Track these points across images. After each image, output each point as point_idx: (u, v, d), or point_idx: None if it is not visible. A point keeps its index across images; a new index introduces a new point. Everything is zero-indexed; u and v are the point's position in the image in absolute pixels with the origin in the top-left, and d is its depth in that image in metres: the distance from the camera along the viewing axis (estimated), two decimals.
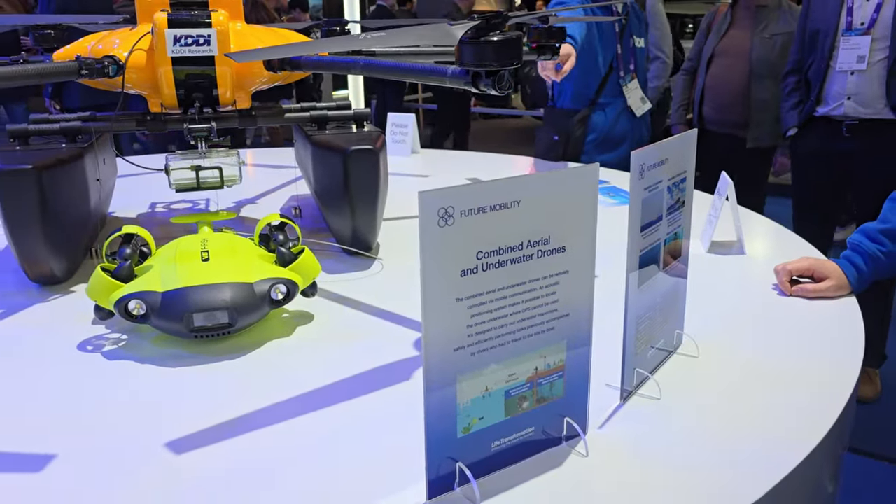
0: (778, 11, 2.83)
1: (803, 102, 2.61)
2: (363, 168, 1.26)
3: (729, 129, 2.87)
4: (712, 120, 2.92)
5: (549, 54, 1.61)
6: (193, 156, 1.23)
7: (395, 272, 1.29)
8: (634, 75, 2.37)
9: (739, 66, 2.84)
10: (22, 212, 1.12)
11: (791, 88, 2.68)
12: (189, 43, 1.20)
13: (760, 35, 2.80)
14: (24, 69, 1.06)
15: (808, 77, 2.59)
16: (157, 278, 0.98)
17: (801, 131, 2.62)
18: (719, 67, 2.90)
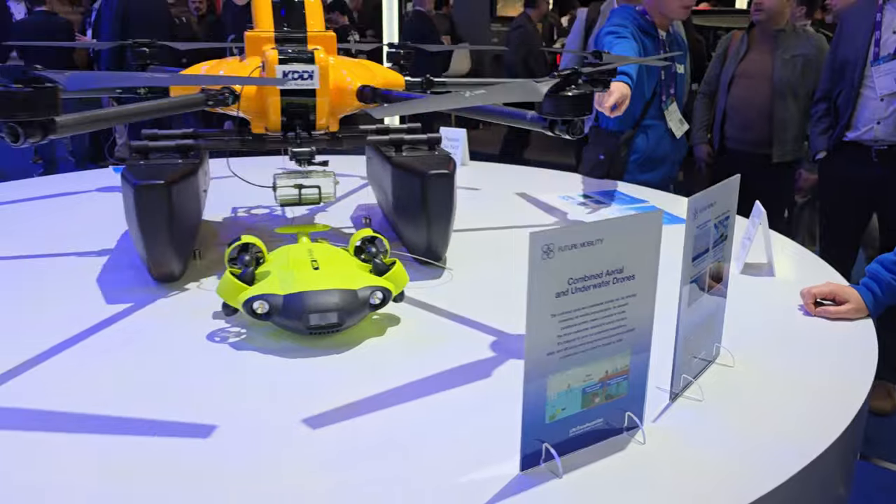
0: (794, 35, 3.01)
1: (833, 128, 2.75)
2: (440, 190, 1.44)
3: (752, 147, 3.04)
4: (735, 139, 3.09)
5: (601, 87, 1.78)
6: (297, 175, 1.41)
7: (464, 280, 1.47)
8: (674, 99, 2.53)
9: (762, 87, 3.01)
10: (154, 220, 1.31)
11: (821, 115, 2.83)
12: (295, 77, 1.39)
13: (782, 57, 2.97)
14: (158, 104, 1.25)
15: (838, 104, 2.73)
16: (277, 282, 1.17)
17: (831, 155, 2.76)
18: (741, 88, 3.07)
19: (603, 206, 2.10)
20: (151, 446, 0.90)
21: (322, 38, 1.50)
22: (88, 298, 1.35)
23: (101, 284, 1.42)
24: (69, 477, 0.84)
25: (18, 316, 1.29)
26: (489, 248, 1.68)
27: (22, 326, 1.24)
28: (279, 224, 1.87)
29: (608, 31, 2.32)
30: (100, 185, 2.25)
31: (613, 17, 2.45)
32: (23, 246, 1.64)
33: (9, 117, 0.93)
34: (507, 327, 1.25)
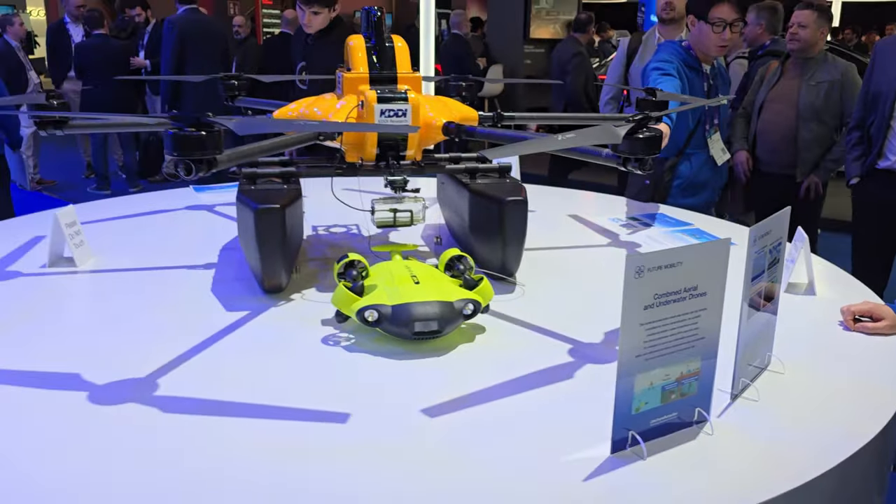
0: (824, 62, 3.19)
1: (865, 156, 2.91)
2: (515, 215, 1.62)
3: (780, 168, 3.23)
4: (765, 161, 3.29)
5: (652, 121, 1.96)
6: (392, 200, 1.61)
7: (535, 295, 1.65)
8: (717, 128, 2.70)
9: (788, 111, 3.20)
10: (270, 238, 1.51)
11: (854, 142, 2.99)
12: (391, 115, 1.58)
13: (808, 83, 3.15)
14: (284, 140, 1.45)
15: (871, 133, 2.89)
16: (384, 294, 1.36)
17: (863, 182, 2.92)
18: (770, 113, 3.27)
19: (649, 229, 2.27)
20: (300, 429, 1.09)
21: (410, 78, 1.70)
22: (210, 307, 1.55)
23: (216, 294, 1.62)
24: (244, 455, 1.03)
25: (151, 319, 1.49)
26: (554, 265, 1.86)
27: (158, 328, 1.45)
28: (356, 240, 2.08)
29: (654, 67, 2.51)
30: (188, 204, 2.48)
31: (660, 53, 2.63)
32: (138, 258, 1.85)
33: (185, 155, 1.13)
34: (579, 336, 1.42)
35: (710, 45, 2.53)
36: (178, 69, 5.27)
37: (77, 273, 1.77)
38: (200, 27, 5.30)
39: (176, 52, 5.20)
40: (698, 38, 2.56)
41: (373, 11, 1.75)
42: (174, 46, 5.20)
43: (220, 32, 5.38)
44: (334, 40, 3.40)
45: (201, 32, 5.27)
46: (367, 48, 1.72)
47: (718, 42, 2.54)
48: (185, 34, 5.22)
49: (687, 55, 2.61)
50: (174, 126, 1.13)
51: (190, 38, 5.22)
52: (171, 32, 5.21)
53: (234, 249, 1.95)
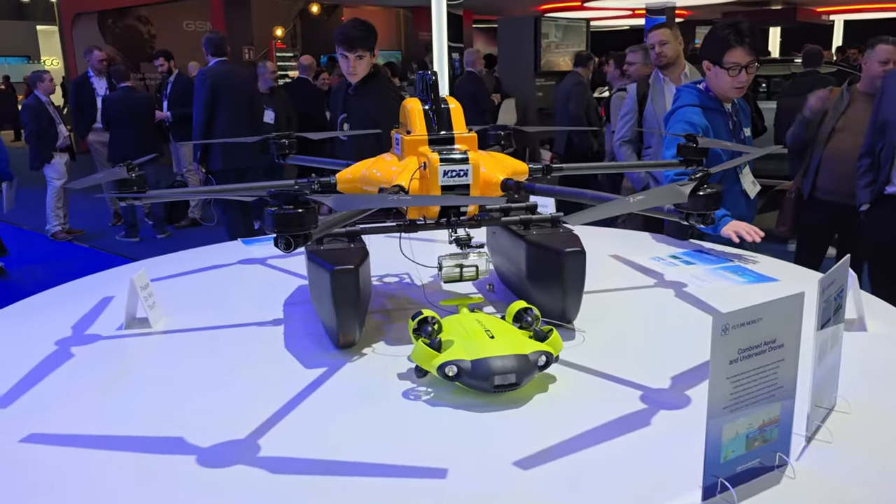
0: None
1: (875, 182, 2.99)
2: (574, 265, 1.70)
3: (842, 198, 3.29)
4: (827, 190, 3.35)
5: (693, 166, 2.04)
6: (458, 256, 1.69)
7: (596, 341, 1.72)
8: (747, 162, 2.78)
9: (858, 141, 3.25)
10: (346, 297, 1.59)
11: (864, 169, 3.08)
12: (453, 175, 1.67)
13: None
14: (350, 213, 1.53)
15: (880, 159, 2.98)
16: (462, 349, 1.43)
17: (873, 207, 2.99)
18: (839, 142, 3.34)
19: (692, 266, 2.34)
20: (403, 485, 1.16)
21: (467, 138, 1.79)
22: (288, 364, 1.63)
23: (291, 351, 1.70)
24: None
25: (236, 378, 1.57)
26: (607, 309, 1.93)
27: (244, 388, 1.52)
28: (411, 290, 2.15)
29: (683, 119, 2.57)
30: (240, 258, 2.57)
31: (682, 98, 2.70)
32: (207, 316, 1.94)
33: (285, 232, 1.22)
34: (647, 381, 1.49)
35: (727, 88, 2.61)
36: (209, 119, 5.44)
37: (152, 334, 1.85)
38: (231, 78, 5.47)
39: (207, 103, 5.37)
40: (715, 81, 2.64)
41: (427, 75, 1.85)
42: (206, 97, 5.37)
43: (247, 82, 5.55)
44: (373, 90, 3.52)
45: (232, 83, 5.44)
46: (424, 110, 1.82)
47: (735, 84, 2.61)
48: (217, 85, 5.39)
49: (706, 98, 2.69)
50: (274, 204, 1.22)
51: (221, 89, 5.39)
52: (203, 84, 5.38)
53: (296, 304, 2.03)
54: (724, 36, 2.54)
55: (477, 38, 14.48)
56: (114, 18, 15.00)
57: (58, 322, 1.91)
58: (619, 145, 4.30)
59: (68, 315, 1.97)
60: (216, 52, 5.49)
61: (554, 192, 1.66)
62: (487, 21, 19.15)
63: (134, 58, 14.37)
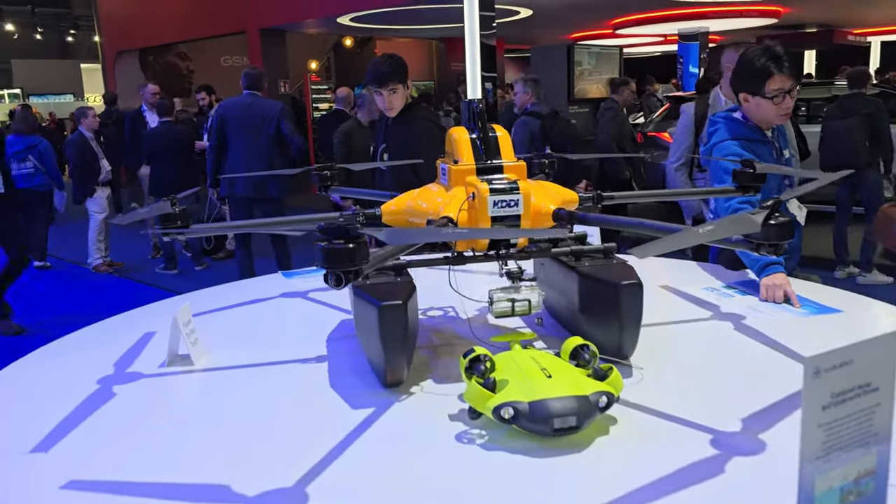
0: None
1: None
2: (632, 298, 1.62)
3: None
4: None
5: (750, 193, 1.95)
6: (510, 290, 1.62)
7: (655, 378, 1.62)
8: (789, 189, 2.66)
9: None
10: (394, 333, 1.53)
11: None
12: (504, 205, 1.61)
13: None
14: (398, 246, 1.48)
15: None
16: (518, 390, 1.35)
17: None
18: None
19: (750, 297, 2.23)
20: None
21: (515, 167, 1.73)
22: (335, 404, 1.57)
23: (337, 390, 1.64)
24: None
25: (283, 419, 1.51)
26: (664, 344, 1.83)
27: (292, 430, 1.46)
28: (456, 324, 2.08)
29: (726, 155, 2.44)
30: (281, 291, 2.53)
31: (721, 132, 2.55)
32: (250, 353, 1.89)
33: (336, 268, 1.16)
34: (715, 423, 1.39)
35: (772, 116, 2.47)
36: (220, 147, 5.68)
37: (195, 371, 1.81)
38: (242, 110, 5.58)
39: (213, 131, 5.62)
40: (756, 111, 2.49)
41: (474, 104, 1.80)
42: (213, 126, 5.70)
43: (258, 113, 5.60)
44: (410, 120, 3.49)
45: (241, 114, 5.55)
46: (471, 139, 1.76)
47: (780, 112, 2.46)
48: (225, 115, 5.58)
49: (746, 128, 2.55)
50: (323, 238, 1.17)
51: (229, 119, 5.54)
52: (215, 113, 5.65)
53: (340, 339, 1.98)
54: (761, 65, 2.40)
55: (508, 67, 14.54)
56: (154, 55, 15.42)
57: (99, 360, 1.88)
58: (675, 169, 4.13)
59: (110, 352, 1.94)
60: (249, 85, 5.62)
61: (609, 223, 1.59)
62: (519, 51, 19.27)
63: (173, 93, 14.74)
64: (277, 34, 13.17)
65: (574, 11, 12.78)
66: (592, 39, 12.67)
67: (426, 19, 13.17)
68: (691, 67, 13.72)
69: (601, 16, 13.75)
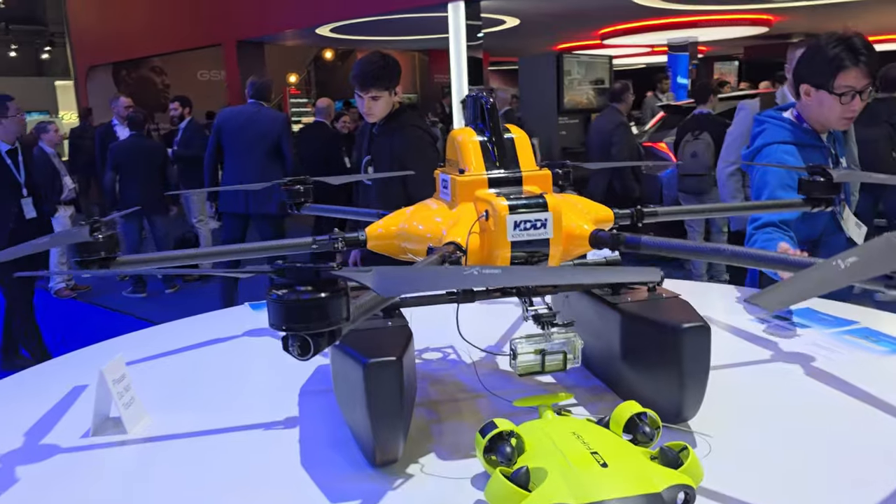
0: None
1: None
2: (697, 346, 1.24)
3: None
4: None
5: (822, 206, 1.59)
6: (538, 340, 1.23)
7: (733, 451, 1.24)
8: (845, 204, 2.30)
9: None
10: (386, 400, 1.14)
11: None
12: (528, 227, 1.23)
13: None
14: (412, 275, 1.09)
15: None
16: (561, 486, 0.96)
17: None
18: None
19: (808, 330, 1.86)
20: None
21: (538, 177, 1.36)
22: (306, 492, 1.17)
23: (310, 470, 1.24)
24: None
25: None
26: (726, 398, 1.45)
27: None
28: (460, 370, 1.69)
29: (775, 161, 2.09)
30: (246, 328, 2.12)
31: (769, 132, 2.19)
32: (200, 416, 1.48)
33: (300, 328, 0.77)
34: None
35: (834, 118, 2.11)
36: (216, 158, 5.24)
37: (127, 444, 1.40)
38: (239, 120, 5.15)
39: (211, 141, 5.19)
40: (817, 109, 2.13)
41: (483, 98, 1.42)
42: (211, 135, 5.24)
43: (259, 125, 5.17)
44: (398, 127, 3.09)
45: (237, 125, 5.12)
46: (480, 143, 1.39)
47: (845, 114, 2.09)
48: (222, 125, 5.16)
49: (801, 131, 2.20)
50: (279, 284, 0.78)
51: (225, 129, 5.12)
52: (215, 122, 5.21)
53: (316, 393, 1.58)
54: (834, 55, 2.04)
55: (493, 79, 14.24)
56: (128, 70, 14.97)
57: (8, 427, 1.47)
58: (729, 175, 3.64)
59: (25, 415, 1.52)
60: (254, 94, 5.21)
61: (673, 249, 1.22)
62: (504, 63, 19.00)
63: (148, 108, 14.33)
64: (255, 46, 12.75)
65: (561, 20, 12.48)
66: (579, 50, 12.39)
67: (409, 30, 12.83)
68: (680, 78, 13.48)
69: (589, 25, 13.48)
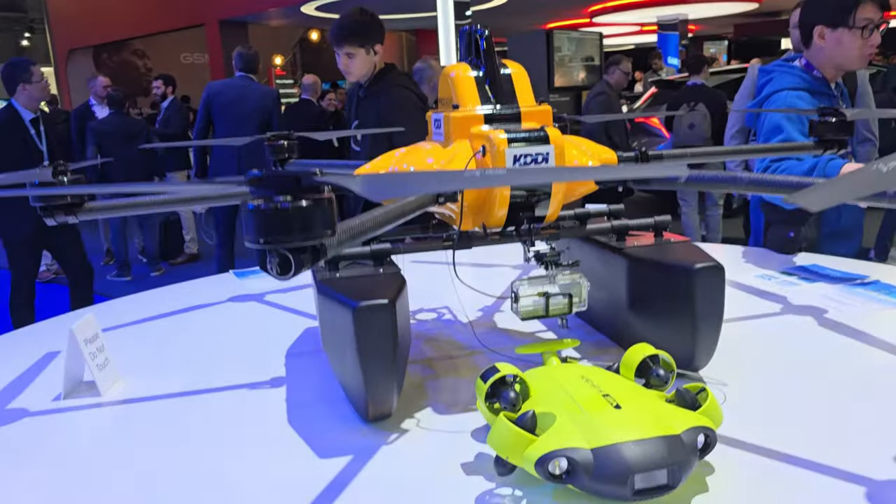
0: None
1: None
2: (711, 288, 1.16)
3: None
4: None
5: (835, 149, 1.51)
6: (541, 281, 1.14)
7: (746, 399, 1.16)
8: (851, 157, 2.23)
9: None
10: (378, 349, 1.05)
11: None
12: (528, 162, 1.14)
13: None
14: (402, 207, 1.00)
15: None
16: (572, 429, 0.88)
17: None
18: None
19: (817, 285, 1.79)
20: None
21: (538, 113, 1.27)
22: (295, 450, 1.08)
23: (298, 429, 1.15)
24: None
25: (216, 475, 1.02)
26: (738, 349, 1.37)
27: (229, 492, 0.97)
28: (455, 329, 1.61)
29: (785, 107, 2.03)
30: (231, 294, 2.02)
31: (778, 80, 2.14)
32: (181, 378, 1.39)
33: (278, 241, 0.67)
34: (862, 468, 0.94)
35: (855, 54, 2.05)
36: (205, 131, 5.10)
37: (102, 406, 1.31)
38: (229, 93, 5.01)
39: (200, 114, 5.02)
40: (834, 50, 2.07)
41: (478, 30, 1.33)
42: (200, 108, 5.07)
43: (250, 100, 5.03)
44: (383, 88, 2.97)
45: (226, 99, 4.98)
46: (475, 78, 1.29)
47: (866, 49, 2.05)
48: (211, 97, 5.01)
49: (811, 78, 2.14)
50: (258, 195, 0.68)
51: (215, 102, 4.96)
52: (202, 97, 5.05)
53: (304, 355, 1.49)
54: None
55: None
56: (109, 53, 14.70)
57: None
58: (732, 136, 3.60)
59: None
60: (243, 67, 5.06)
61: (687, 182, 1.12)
62: None
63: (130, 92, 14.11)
64: (239, 26, 12.53)
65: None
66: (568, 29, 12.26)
67: (396, 8, 12.64)
68: (671, 59, 13.36)
69: (578, 2, 13.34)
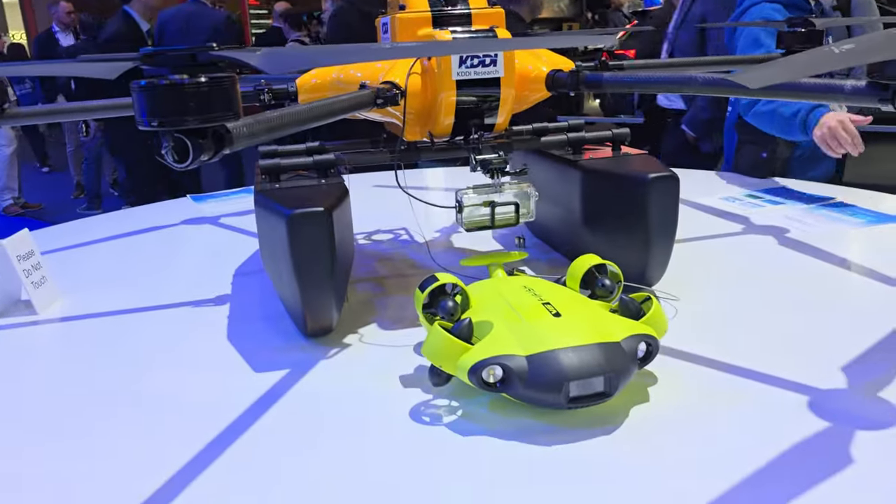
0: None
1: None
2: (665, 198, 1.12)
3: None
4: None
5: None
6: (487, 190, 1.09)
7: (698, 311, 1.14)
8: None
9: None
10: (314, 259, 1.00)
11: None
12: (475, 64, 1.08)
13: None
14: (330, 105, 0.93)
15: None
16: (508, 337, 0.85)
17: None
18: None
19: (781, 207, 1.76)
20: None
21: (490, 14, 1.19)
22: (231, 365, 1.05)
23: (237, 345, 1.12)
24: None
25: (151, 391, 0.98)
26: (693, 266, 1.35)
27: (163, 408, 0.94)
28: (411, 248, 1.57)
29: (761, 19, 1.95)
30: (184, 217, 1.97)
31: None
32: (124, 296, 1.35)
33: (174, 124, 0.61)
34: (807, 378, 0.92)
35: None
36: None
37: (38, 324, 1.26)
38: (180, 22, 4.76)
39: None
40: None
41: None
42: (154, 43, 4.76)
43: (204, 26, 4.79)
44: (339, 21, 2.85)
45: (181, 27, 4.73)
46: None
47: None
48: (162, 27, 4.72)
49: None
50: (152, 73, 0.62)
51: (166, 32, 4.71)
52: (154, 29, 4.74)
53: (250, 274, 1.45)
54: None
55: None
56: None
57: None
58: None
59: None
60: None
61: (638, 83, 1.07)
62: None
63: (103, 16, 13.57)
64: None
65: None
66: None
67: None
68: None
69: None
